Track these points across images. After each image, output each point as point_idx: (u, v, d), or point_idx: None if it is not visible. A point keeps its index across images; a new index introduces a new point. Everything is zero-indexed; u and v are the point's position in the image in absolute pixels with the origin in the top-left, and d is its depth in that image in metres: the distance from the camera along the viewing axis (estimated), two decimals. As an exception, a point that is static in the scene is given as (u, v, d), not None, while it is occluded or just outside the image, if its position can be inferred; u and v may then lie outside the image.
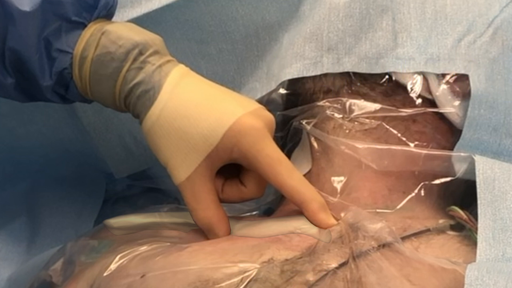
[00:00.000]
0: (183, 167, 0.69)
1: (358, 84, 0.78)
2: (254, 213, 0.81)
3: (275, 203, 0.81)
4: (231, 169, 0.72)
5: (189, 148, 0.68)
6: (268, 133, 0.69)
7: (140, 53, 0.70)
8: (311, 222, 0.69)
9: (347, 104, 0.77)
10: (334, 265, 0.62)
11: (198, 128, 0.68)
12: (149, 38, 0.72)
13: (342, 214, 0.69)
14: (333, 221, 0.69)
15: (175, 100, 0.69)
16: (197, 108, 0.69)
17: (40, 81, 0.71)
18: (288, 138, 0.80)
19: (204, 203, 0.70)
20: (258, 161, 0.68)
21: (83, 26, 0.71)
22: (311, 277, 0.61)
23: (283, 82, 0.82)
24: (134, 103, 0.70)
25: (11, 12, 0.68)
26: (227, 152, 0.68)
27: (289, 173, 0.69)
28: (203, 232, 0.72)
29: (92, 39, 0.71)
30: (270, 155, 0.69)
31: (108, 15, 0.74)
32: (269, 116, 0.71)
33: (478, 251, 0.64)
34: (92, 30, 0.71)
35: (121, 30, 0.71)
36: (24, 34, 0.69)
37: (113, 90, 0.71)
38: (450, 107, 0.75)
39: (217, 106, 0.69)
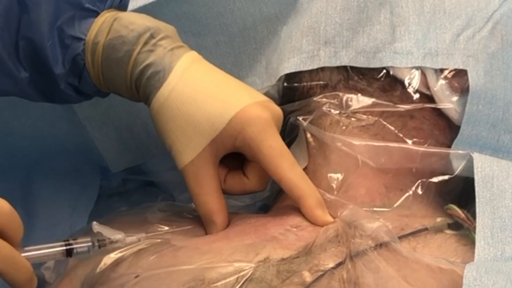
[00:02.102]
0: (188, 150, 0.69)
1: (355, 78, 0.77)
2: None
3: (270, 200, 0.80)
4: (235, 161, 0.72)
5: (195, 132, 0.69)
6: (274, 125, 0.70)
7: (152, 37, 0.71)
8: (308, 219, 0.69)
9: (344, 99, 0.77)
10: (331, 265, 0.62)
11: (205, 112, 0.68)
12: (161, 24, 0.72)
13: (339, 212, 0.69)
14: (330, 218, 0.69)
15: (185, 84, 0.70)
16: (205, 93, 0.69)
17: (54, 69, 0.71)
18: (284, 134, 0.79)
19: (206, 188, 0.70)
20: (261, 151, 0.68)
21: (96, 14, 0.72)
22: (307, 278, 0.61)
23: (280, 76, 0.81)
24: (144, 84, 0.71)
25: (24, 0, 0.69)
26: (231, 139, 0.69)
27: (290, 167, 0.69)
28: (198, 226, 0.71)
29: (105, 26, 0.71)
30: (273, 146, 0.69)
31: (121, 6, 0.75)
32: (278, 110, 0.71)
33: (476, 251, 0.63)
34: (105, 17, 0.72)
35: (134, 17, 0.72)
36: (36, 20, 0.70)
37: (125, 74, 0.71)
38: (448, 102, 0.75)
39: (226, 92, 0.70)
